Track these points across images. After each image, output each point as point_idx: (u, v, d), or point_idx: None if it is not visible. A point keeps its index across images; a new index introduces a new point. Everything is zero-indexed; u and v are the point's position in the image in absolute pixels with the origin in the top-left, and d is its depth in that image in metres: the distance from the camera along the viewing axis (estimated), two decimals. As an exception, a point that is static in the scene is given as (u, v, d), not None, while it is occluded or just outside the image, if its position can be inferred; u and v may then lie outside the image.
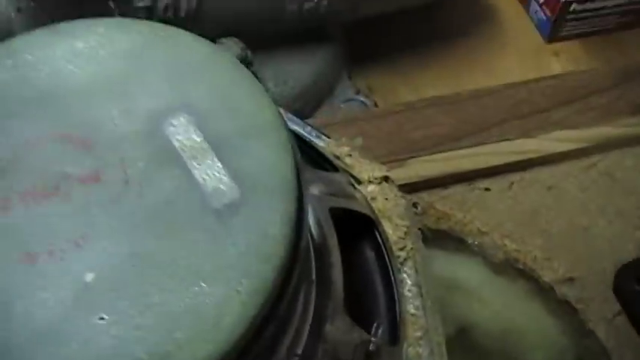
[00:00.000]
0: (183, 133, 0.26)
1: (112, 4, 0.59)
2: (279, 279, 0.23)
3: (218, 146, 0.25)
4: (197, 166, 0.25)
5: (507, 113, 0.50)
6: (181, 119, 0.26)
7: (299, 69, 0.65)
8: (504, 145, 0.49)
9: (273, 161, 0.25)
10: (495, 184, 0.48)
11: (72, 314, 0.23)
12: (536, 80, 0.53)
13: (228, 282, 0.23)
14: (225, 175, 0.25)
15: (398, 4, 0.65)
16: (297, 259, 0.25)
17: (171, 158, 0.25)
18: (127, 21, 0.29)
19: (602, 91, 0.53)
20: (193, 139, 0.25)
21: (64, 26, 0.29)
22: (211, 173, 0.25)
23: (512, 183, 0.49)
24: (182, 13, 0.60)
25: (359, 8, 0.64)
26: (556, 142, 0.49)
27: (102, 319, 0.22)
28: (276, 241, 0.24)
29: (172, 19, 0.60)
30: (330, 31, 0.67)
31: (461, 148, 0.48)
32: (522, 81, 0.53)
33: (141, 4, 0.59)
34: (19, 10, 0.58)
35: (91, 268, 0.23)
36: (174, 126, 0.26)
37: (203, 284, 0.23)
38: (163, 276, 0.23)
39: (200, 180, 0.25)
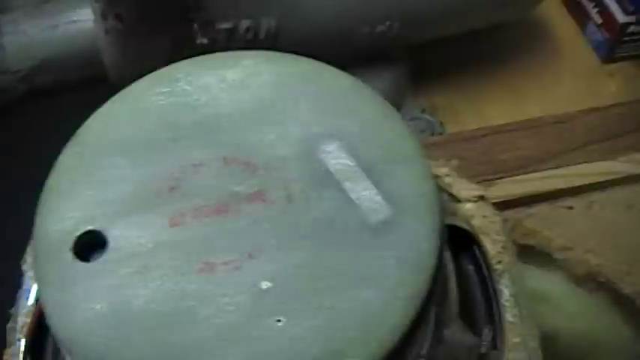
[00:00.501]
0: (336, 157, 0.29)
1: (196, 27, 0.63)
2: (430, 287, 0.26)
3: (368, 170, 0.28)
4: (352, 187, 0.28)
5: (586, 137, 0.53)
6: (334, 145, 0.29)
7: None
8: (585, 167, 0.52)
9: (419, 184, 0.28)
10: (577, 203, 0.51)
11: (251, 317, 0.26)
12: (612, 106, 0.56)
13: (389, 289, 0.26)
14: (377, 196, 0.28)
15: (465, 27, 0.68)
16: (441, 269, 0.28)
17: (327, 180, 0.28)
18: (272, 54, 0.32)
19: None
20: (346, 163, 0.29)
21: (212, 57, 0.33)
22: (365, 194, 0.28)
23: (593, 202, 0.51)
24: (262, 36, 0.63)
25: (429, 31, 0.67)
26: (632, 163, 0.52)
27: (279, 321, 0.26)
28: (427, 254, 0.27)
29: (252, 40, 0.64)
30: (396, 51, 0.70)
31: (545, 169, 0.51)
32: (599, 107, 0.56)
33: (223, 27, 0.63)
34: (107, 31, 0.61)
35: (265, 276, 0.26)
36: (327, 151, 0.29)
37: (367, 290, 0.26)
38: (331, 283, 0.26)
39: (356, 200, 0.28)
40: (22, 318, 0.35)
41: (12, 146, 0.64)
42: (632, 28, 0.73)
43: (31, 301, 0.35)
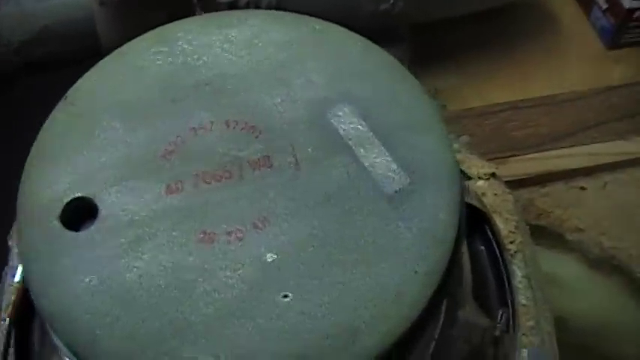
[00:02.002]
0: (348, 122, 0.27)
1: (194, 0, 0.60)
2: (449, 260, 0.24)
3: (382, 136, 0.26)
4: (365, 154, 0.26)
5: (602, 116, 0.51)
6: (345, 109, 0.27)
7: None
8: (599, 147, 0.50)
9: (437, 152, 0.26)
10: (591, 183, 0.49)
11: (255, 292, 0.24)
12: (627, 85, 0.54)
13: (406, 263, 0.24)
14: (393, 163, 0.25)
15: (469, 8, 0.66)
16: (461, 242, 0.25)
17: (339, 145, 0.26)
18: (281, 13, 0.30)
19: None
20: (359, 128, 0.26)
21: (215, 16, 0.30)
22: (380, 161, 0.26)
23: (607, 182, 0.50)
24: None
25: (433, 11, 0.65)
26: (648, 144, 0.51)
27: (286, 296, 0.23)
28: (446, 225, 0.25)
29: (251, 12, 0.61)
30: (399, 31, 0.68)
31: (558, 148, 0.50)
32: (614, 85, 0.54)
33: (223, 0, 0.60)
34: (102, 3, 0.59)
35: (270, 248, 0.24)
36: (338, 115, 0.27)
37: (383, 264, 0.24)
38: (344, 256, 0.24)
39: (369, 167, 0.26)
40: (8, 296, 0.33)
41: (9, 121, 0.62)
42: (638, 14, 0.71)
43: (17, 278, 0.33)
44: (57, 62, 0.63)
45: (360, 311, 0.23)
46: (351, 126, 0.26)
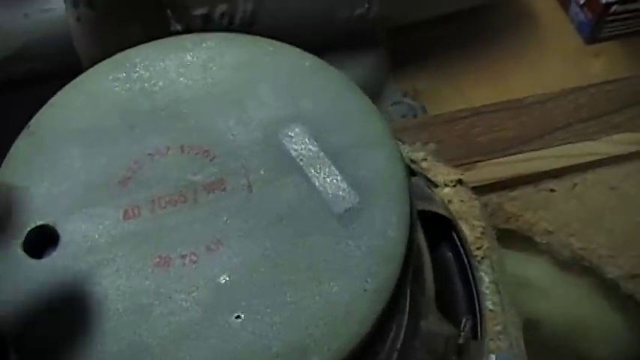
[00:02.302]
0: (299, 143, 0.27)
1: (169, 13, 0.61)
2: (399, 277, 0.25)
3: (333, 155, 0.27)
4: (316, 174, 0.26)
5: (570, 117, 0.52)
6: (296, 130, 0.27)
7: (347, 74, 0.67)
8: (568, 148, 0.51)
9: (387, 169, 0.27)
10: (560, 185, 0.50)
11: (209, 314, 0.24)
12: (596, 85, 0.55)
13: (355, 281, 0.24)
14: (343, 182, 0.26)
15: (444, 9, 0.67)
16: (411, 258, 0.26)
17: (290, 166, 0.27)
18: (234, 35, 0.30)
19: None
20: (310, 148, 0.27)
21: (171, 41, 0.31)
22: (330, 180, 0.26)
23: (576, 184, 0.50)
24: (237, 21, 0.62)
25: (408, 13, 0.65)
26: (617, 144, 0.51)
27: (238, 317, 0.24)
28: (396, 242, 0.25)
29: (227, 26, 0.62)
30: (376, 35, 0.69)
31: (526, 151, 0.50)
32: (582, 86, 0.54)
33: (198, 12, 0.61)
34: (78, 19, 0.60)
35: (224, 270, 0.25)
36: (290, 136, 0.27)
37: (332, 283, 0.24)
38: (294, 276, 0.25)
39: (320, 187, 0.26)
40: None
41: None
42: (615, 8, 0.71)
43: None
44: (39, 78, 0.63)
45: (311, 330, 0.24)
46: (302, 146, 0.27)
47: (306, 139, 0.27)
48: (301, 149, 0.27)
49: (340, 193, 0.26)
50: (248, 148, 0.27)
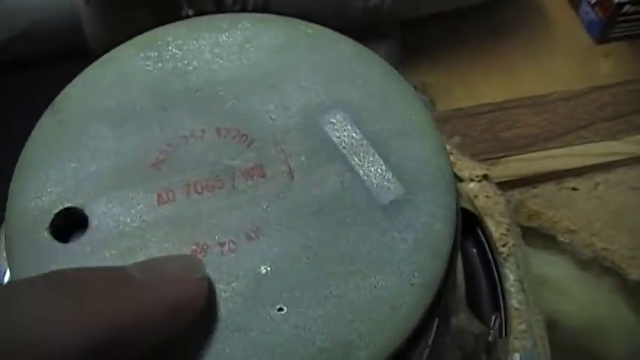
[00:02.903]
0: (341, 129, 0.26)
1: (181, -4, 0.60)
2: (446, 272, 0.24)
3: (376, 144, 0.26)
4: (359, 163, 0.25)
5: (593, 116, 0.51)
6: (338, 116, 0.26)
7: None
8: (590, 147, 0.50)
9: (432, 161, 0.26)
10: (582, 184, 0.49)
11: (249, 306, 0.23)
12: (619, 84, 0.54)
13: (401, 275, 0.23)
14: (388, 172, 0.25)
15: (456, 3, 0.66)
16: (456, 253, 0.25)
17: (333, 154, 0.26)
18: (272, 17, 0.29)
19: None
20: (353, 136, 0.26)
21: (205, 20, 0.30)
22: (374, 170, 0.25)
23: (598, 183, 0.50)
24: (249, 7, 0.60)
25: (421, 6, 0.65)
26: (639, 144, 0.51)
27: (280, 309, 0.23)
28: (443, 236, 0.24)
29: (240, 12, 0.61)
30: (388, 28, 0.68)
31: (550, 148, 0.49)
32: (607, 84, 0.54)
33: (210, -3, 0.60)
34: (87, 1, 0.59)
35: (265, 260, 0.24)
36: (331, 122, 0.26)
37: (378, 276, 0.23)
38: (338, 268, 0.24)
39: (364, 176, 0.25)
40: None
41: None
42: (627, 8, 0.70)
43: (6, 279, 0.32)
44: (45, 59, 0.62)
45: (356, 324, 0.23)
46: (345, 133, 0.26)
47: (349, 126, 0.26)
48: (344, 136, 0.26)
49: (385, 183, 0.25)
50: (288, 134, 0.26)
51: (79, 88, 0.28)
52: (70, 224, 0.25)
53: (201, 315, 0.22)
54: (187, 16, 0.59)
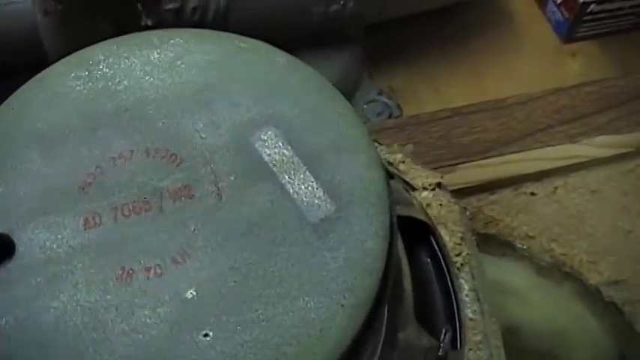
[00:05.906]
0: (272, 146, 0.26)
1: (139, 7, 0.59)
2: (378, 291, 0.24)
3: (308, 160, 0.25)
4: (290, 181, 0.25)
5: (551, 119, 0.51)
6: (269, 133, 0.26)
7: (322, 71, 0.65)
8: (549, 151, 0.50)
9: (366, 176, 0.25)
10: (541, 188, 0.49)
11: (174, 332, 0.23)
12: (578, 86, 0.53)
13: (331, 296, 0.23)
14: (319, 190, 0.25)
15: (422, 6, 0.66)
16: (391, 271, 0.25)
17: (263, 172, 0.25)
18: (205, 32, 0.29)
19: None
20: (284, 153, 0.25)
21: (137, 37, 0.29)
22: (305, 188, 0.25)
23: (557, 187, 0.49)
24: (210, 16, 0.60)
25: (384, 10, 0.64)
26: (598, 147, 0.50)
27: (206, 335, 0.22)
28: (374, 254, 0.24)
29: (200, 21, 0.60)
30: (352, 32, 0.67)
31: (507, 153, 0.49)
32: (564, 87, 0.53)
33: (169, 7, 0.59)
34: (45, 13, 0.58)
35: (191, 284, 0.23)
36: (262, 139, 0.26)
37: (307, 298, 0.23)
38: (267, 291, 0.23)
39: (294, 194, 0.25)
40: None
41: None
42: (592, 7, 0.70)
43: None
44: (5, 71, 0.61)
45: (284, 348, 0.22)
46: (276, 150, 0.25)
47: (280, 143, 0.25)
48: (274, 154, 0.25)
49: (316, 201, 0.24)
50: (218, 153, 0.26)
51: (8, 109, 0.28)
52: (-4, 251, 0.24)
53: None
54: (147, 27, 0.59)
